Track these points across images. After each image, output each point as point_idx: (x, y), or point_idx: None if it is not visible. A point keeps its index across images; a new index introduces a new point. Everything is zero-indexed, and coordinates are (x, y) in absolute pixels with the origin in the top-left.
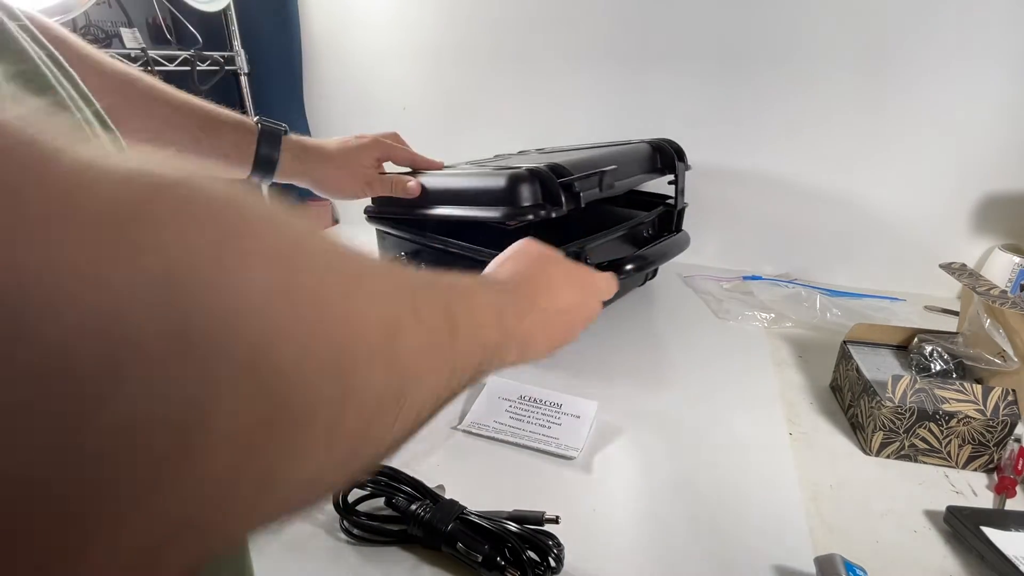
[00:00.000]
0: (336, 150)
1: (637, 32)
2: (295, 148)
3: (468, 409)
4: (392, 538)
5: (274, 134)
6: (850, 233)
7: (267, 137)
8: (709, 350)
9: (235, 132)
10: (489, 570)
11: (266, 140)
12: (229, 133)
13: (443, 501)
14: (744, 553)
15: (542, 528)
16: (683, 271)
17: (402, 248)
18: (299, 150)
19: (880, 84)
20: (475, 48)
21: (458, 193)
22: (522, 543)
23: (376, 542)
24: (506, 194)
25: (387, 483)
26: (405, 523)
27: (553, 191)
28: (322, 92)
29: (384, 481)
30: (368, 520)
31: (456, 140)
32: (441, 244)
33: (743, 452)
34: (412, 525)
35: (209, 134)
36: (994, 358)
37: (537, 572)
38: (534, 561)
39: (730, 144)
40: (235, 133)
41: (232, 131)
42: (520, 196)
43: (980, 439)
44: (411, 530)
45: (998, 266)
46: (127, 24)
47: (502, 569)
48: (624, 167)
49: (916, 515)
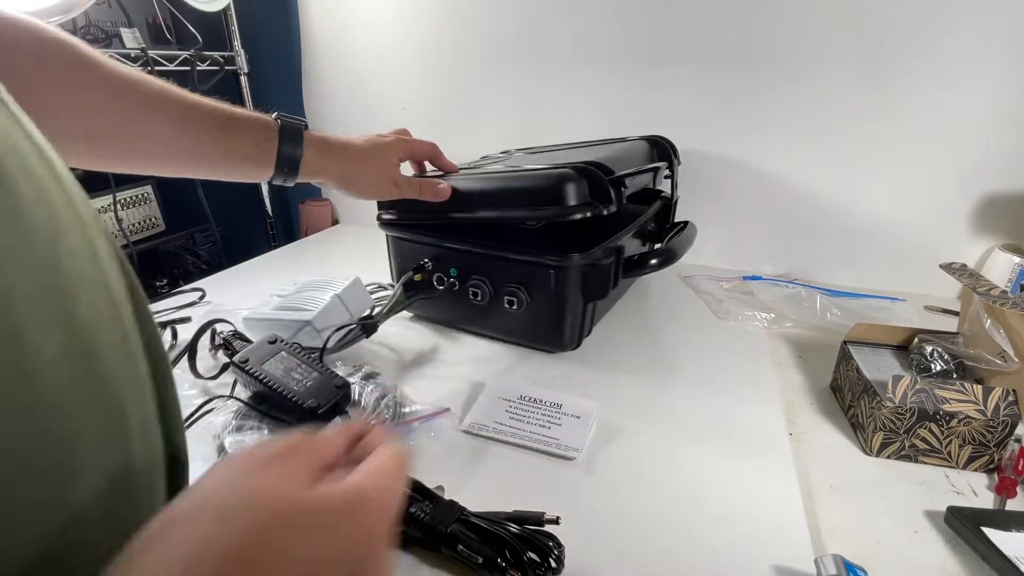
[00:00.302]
0: (362, 147)
1: (638, 32)
2: (318, 144)
3: (469, 410)
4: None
5: (295, 130)
6: (850, 233)
7: (288, 134)
8: (709, 350)
9: (254, 130)
10: (490, 571)
11: (288, 137)
12: (248, 131)
13: (442, 502)
14: (744, 553)
15: (542, 529)
16: (683, 271)
17: (424, 255)
18: (322, 146)
19: (880, 84)
20: (475, 48)
21: (492, 194)
22: (522, 544)
23: None
24: (552, 193)
25: None
26: (403, 524)
27: (603, 188)
28: (322, 92)
29: None
30: None
31: (456, 140)
32: (466, 247)
33: (743, 452)
34: (411, 527)
35: (228, 134)
36: (994, 358)
37: (538, 573)
38: (535, 562)
39: (730, 144)
40: (254, 131)
41: (251, 129)
42: (567, 195)
43: (980, 439)
44: (410, 532)
45: (998, 266)
46: (127, 24)
47: (503, 571)
48: (633, 163)
49: (916, 515)
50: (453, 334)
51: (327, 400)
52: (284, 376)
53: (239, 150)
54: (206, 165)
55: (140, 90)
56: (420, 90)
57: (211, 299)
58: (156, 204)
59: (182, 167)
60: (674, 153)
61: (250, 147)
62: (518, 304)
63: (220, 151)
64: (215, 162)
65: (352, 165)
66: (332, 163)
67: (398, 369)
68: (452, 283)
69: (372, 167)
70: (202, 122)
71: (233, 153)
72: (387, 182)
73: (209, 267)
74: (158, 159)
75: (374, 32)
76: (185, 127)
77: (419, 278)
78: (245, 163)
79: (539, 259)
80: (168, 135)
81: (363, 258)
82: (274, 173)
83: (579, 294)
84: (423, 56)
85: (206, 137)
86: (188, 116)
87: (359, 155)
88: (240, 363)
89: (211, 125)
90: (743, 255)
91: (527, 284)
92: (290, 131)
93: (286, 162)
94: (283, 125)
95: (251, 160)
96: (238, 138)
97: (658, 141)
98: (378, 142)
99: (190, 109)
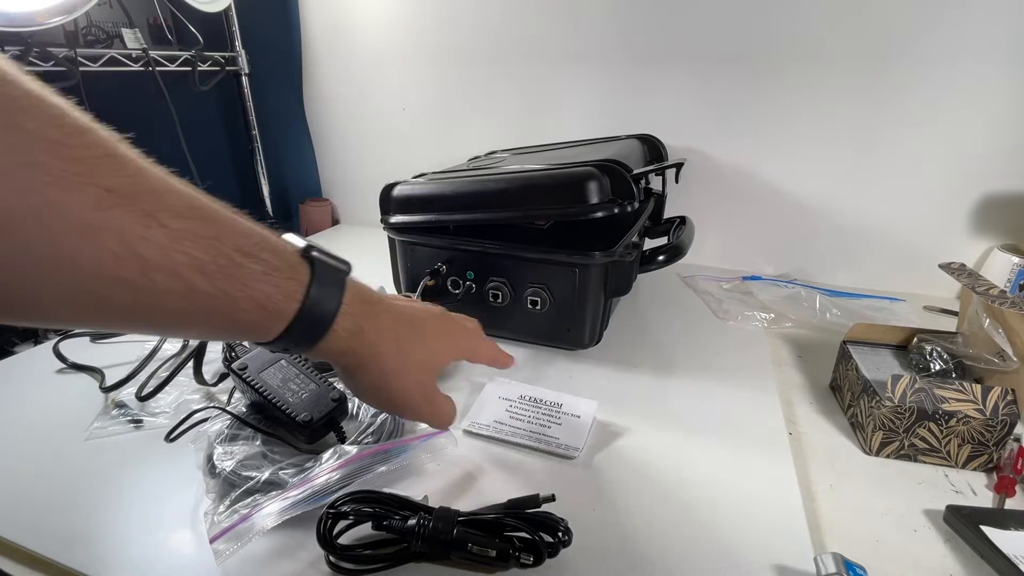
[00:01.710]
0: (425, 315)
1: (638, 32)
2: (358, 302)
3: (468, 409)
4: (391, 561)
5: (336, 272)
6: (850, 233)
7: (326, 274)
8: (709, 350)
9: (276, 256)
10: (505, 562)
11: (324, 279)
12: (270, 257)
13: (437, 510)
14: (744, 553)
15: (541, 510)
16: (683, 271)
17: (437, 259)
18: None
19: (880, 84)
20: (474, 48)
21: (512, 194)
22: (532, 527)
23: (377, 569)
24: (576, 191)
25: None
26: (404, 542)
27: (626, 185)
28: (322, 92)
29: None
30: (362, 551)
31: (456, 140)
32: (484, 248)
33: (743, 452)
34: (416, 541)
35: (250, 257)
36: (993, 358)
37: (551, 548)
38: (546, 541)
39: (730, 144)
40: (276, 257)
41: (272, 254)
42: (590, 192)
43: (980, 439)
44: (415, 547)
45: (997, 266)
46: (128, 24)
47: (516, 558)
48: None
49: (916, 515)
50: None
51: (321, 414)
52: (280, 387)
53: (258, 282)
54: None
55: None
56: (420, 90)
57: None
58: None
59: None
60: (663, 151)
61: (267, 284)
62: (541, 304)
63: (237, 281)
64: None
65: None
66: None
67: None
68: (469, 286)
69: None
70: (222, 230)
71: (250, 286)
72: (424, 396)
73: None
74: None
75: (374, 32)
76: (198, 234)
77: (431, 283)
78: (253, 309)
79: (564, 258)
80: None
81: (363, 258)
82: (289, 328)
83: (601, 291)
84: (423, 56)
85: (224, 259)
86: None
87: (419, 323)
88: (239, 370)
89: (234, 242)
90: (743, 255)
91: (549, 283)
92: (328, 270)
93: (313, 318)
94: (317, 260)
95: (263, 304)
96: (259, 265)
97: (648, 139)
98: (442, 316)
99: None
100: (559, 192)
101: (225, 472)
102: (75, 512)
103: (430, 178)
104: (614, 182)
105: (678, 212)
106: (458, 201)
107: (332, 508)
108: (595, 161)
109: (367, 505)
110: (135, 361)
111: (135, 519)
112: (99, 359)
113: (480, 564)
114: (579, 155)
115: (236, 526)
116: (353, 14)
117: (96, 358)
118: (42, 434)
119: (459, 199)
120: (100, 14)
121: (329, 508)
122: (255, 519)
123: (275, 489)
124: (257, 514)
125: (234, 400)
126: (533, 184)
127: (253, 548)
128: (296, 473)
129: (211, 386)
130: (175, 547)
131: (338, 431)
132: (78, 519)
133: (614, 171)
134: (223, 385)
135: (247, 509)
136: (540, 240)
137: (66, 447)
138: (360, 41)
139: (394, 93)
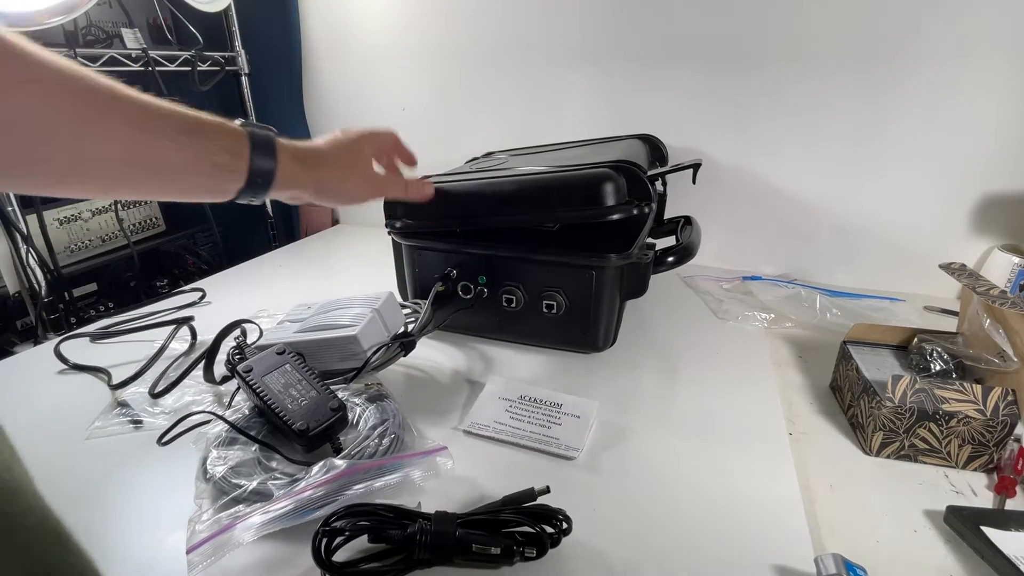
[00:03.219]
0: (331, 149)
1: (638, 32)
2: (291, 150)
3: (468, 410)
4: (396, 572)
5: (267, 138)
6: (850, 233)
7: (260, 140)
8: (709, 350)
9: (221, 135)
10: (509, 558)
11: (260, 143)
12: (217, 136)
13: (434, 516)
14: (744, 553)
15: (538, 503)
16: (683, 271)
17: (447, 264)
18: (295, 152)
19: (880, 84)
20: (474, 48)
21: (526, 196)
22: (533, 521)
23: None
24: (592, 193)
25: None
26: (406, 550)
27: (643, 186)
28: (322, 92)
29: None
30: (363, 565)
31: (455, 140)
32: (495, 252)
33: (743, 452)
34: (419, 549)
35: (195, 138)
36: (994, 358)
37: (554, 538)
38: (547, 532)
39: (730, 144)
40: (222, 136)
41: (217, 134)
42: (607, 194)
43: (980, 439)
44: (418, 554)
45: (997, 266)
46: (128, 24)
47: (521, 553)
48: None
49: (916, 515)
50: (469, 341)
51: (318, 423)
52: (281, 392)
53: (208, 157)
54: (167, 179)
55: (85, 87)
56: (420, 90)
57: (211, 299)
58: (157, 204)
59: (137, 184)
60: (664, 150)
61: (221, 153)
62: (557, 308)
63: (186, 159)
64: (178, 174)
65: (327, 171)
66: (307, 171)
67: (411, 387)
68: (481, 291)
69: (349, 169)
70: (164, 128)
71: (201, 161)
72: (367, 184)
73: (209, 267)
74: (109, 175)
75: (374, 32)
76: (144, 131)
77: (442, 288)
78: (216, 174)
79: (581, 260)
80: (126, 137)
81: (363, 258)
82: (244, 186)
83: (617, 293)
84: (423, 56)
85: (169, 142)
86: (148, 118)
87: (331, 158)
88: (243, 372)
89: (176, 129)
90: (743, 255)
91: (564, 287)
92: (261, 138)
93: (259, 172)
94: (253, 132)
95: (222, 169)
96: (207, 142)
97: (650, 139)
98: (345, 141)
99: (149, 110)
100: (576, 194)
101: (216, 478)
102: (76, 512)
103: (437, 181)
104: (630, 183)
105: (679, 212)
106: (470, 204)
107: (326, 525)
108: (609, 162)
109: (361, 519)
110: (135, 361)
111: (134, 519)
112: (99, 359)
113: (484, 563)
114: (584, 156)
115: (214, 537)
116: (353, 14)
117: (96, 358)
118: (42, 434)
119: (471, 202)
120: (100, 14)
121: (323, 525)
122: (235, 531)
123: (261, 500)
124: (238, 526)
125: (236, 402)
126: (548, 186)
127: (238, 561)
128: (286, 484)
129: (218, 384)
130: (173, 547)
131: (334, 442)
132: (78, 519)
133: (630, 172)
134: (228, 386)
135: (228, 520)
136: (552, 242)
137: (66, 447)
138: (360, 41)
139: (394, 93)
